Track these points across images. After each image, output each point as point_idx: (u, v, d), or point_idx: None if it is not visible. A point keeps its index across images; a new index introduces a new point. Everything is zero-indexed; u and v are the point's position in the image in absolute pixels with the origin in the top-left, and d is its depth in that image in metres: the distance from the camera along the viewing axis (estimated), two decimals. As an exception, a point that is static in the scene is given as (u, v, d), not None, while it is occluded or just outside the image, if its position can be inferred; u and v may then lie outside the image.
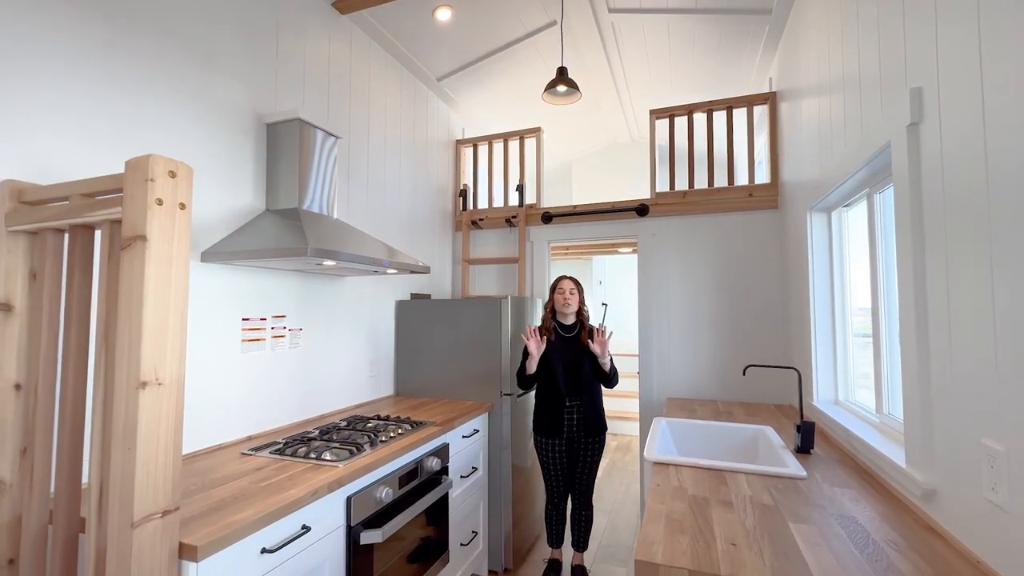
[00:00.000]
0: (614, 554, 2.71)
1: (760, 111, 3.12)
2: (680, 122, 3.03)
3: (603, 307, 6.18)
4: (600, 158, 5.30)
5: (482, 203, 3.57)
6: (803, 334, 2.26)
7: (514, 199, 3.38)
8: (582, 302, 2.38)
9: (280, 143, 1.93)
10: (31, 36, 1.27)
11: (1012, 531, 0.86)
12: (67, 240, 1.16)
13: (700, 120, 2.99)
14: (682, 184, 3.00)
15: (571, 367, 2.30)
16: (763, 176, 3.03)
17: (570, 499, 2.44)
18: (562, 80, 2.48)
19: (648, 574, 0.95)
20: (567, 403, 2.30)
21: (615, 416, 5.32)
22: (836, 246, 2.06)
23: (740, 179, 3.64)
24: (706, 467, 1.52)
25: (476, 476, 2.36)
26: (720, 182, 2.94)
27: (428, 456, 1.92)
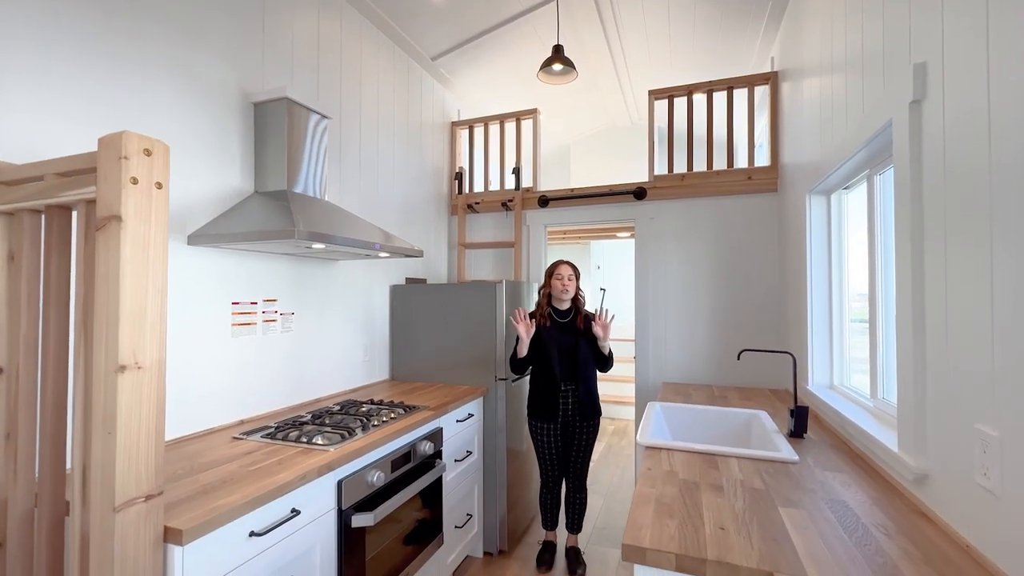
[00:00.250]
0: (608, 536, 2.74)
1: (761, 92, 3.06)
2: (679, 103, 2.97)
3: (601, 292, 6.16)
4: (599, 141, 5.23)
5: (478, 187, 3.52)
6: (799, 319, 2.24)
7: (510, 182, 3.33)
8: (578, 288, 2.36)
9: (268, 123, 1.88)
10: (3, 12, 1.22)
11: (1003, 516, 0.85)
12: (44, 221, 1.13)
13: (700, 102, 2.93)
14: (681, 167, 2.95)
15: (566, 352, 2.29)
16: (763, 159, 2.98)
17: (564, 483, 2.45)
18: (558, 58, 2.42)
19: (635, 558, 0.95)
20: (562, 388, 2.29)
21: (612, 401, 5.34)
22: (835, 229, 2.03)
23: (740, 162, 3.59)
24: (698, 451, 1.51)
25: (471, 460, 2.37)
26: (719, 165, 2.89)
27: (421, 440, 1.91)
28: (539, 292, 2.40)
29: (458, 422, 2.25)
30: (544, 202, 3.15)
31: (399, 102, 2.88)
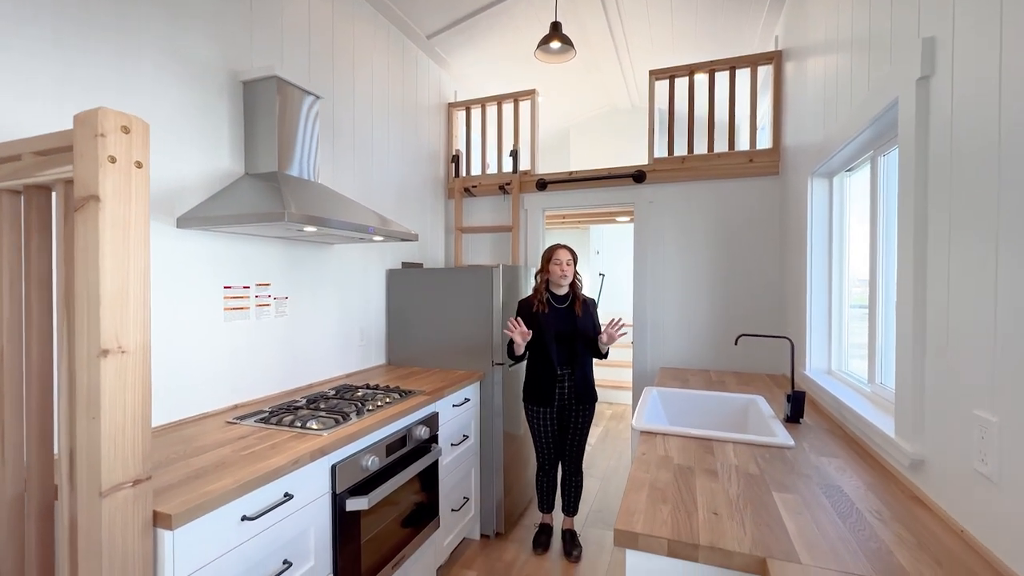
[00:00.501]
0: (604, 518, 2.76)
1: (764, 72, 2.99)
2: (681, 84, 2.90)
3: (600, 277, 6.13)
4: (598, 124, 5.15)
5: (475, 170, 3.47)
6: (799, 303, 2.22)
7: (508, 166, 3.28)
8: (576, 272, 2.33)
9: (257, 102, 1.83)
10: (-26, -20, 1.17)
11: (999, 502, 0.83)
12: (23, 202, 1.10)
13: (702, 83, 2.86)
14: (681, 150, 2.90)
15: (563, 338, 2.27)
16: (765, 141, 2.93)
17: (561, 466, 2.45)
18: (556, 36, 2.35)
19: (627, 543, 0.94)
20: (558, 373, 2.28)
21: (611, 385, 5.36)
22: (836, 213, 2.00)
23: (741, 144, 3.53)
24: (693, 436, 1.51)
25: (467, 444, 2.37)
26: (720, 148, 2.84)
27: (417, 425, 1.91)
28: (536, 277, 2.37)
29: (454, 407, 2.24)
30: (542, 185, 3.10)
31: (394, 82, 2.82)
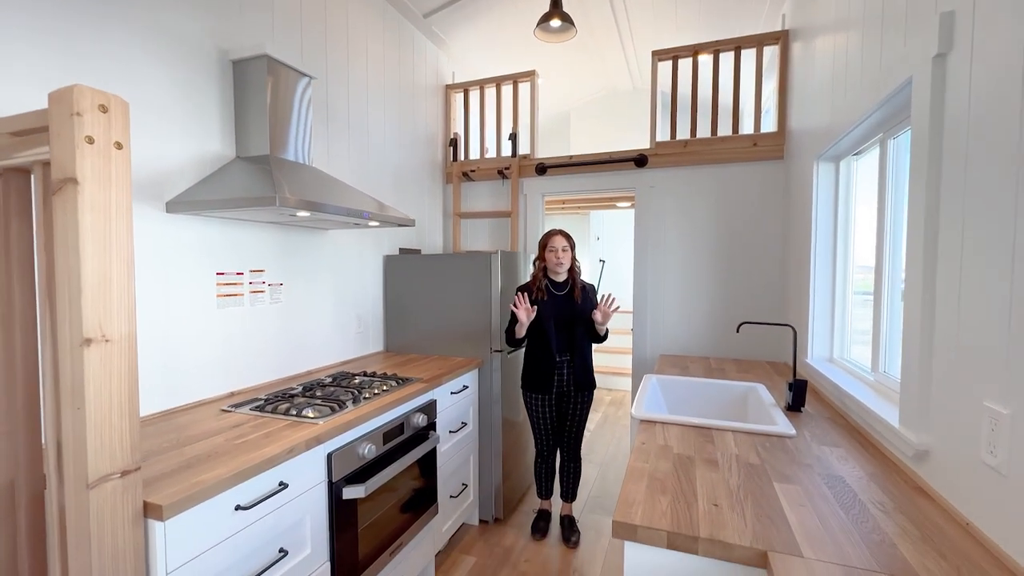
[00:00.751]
0: (602, 504, 2.77)
1: (770, 53, 2.91)
2: (684, 65, 2.83)
3: (600, 263, 6.09)
4: (599, 107, 5.05)
5: (474, 154, 3.41)
6: (801, 290, 2.19)
7: (507, 149, 3.22)
8: (574, 258, 2.29)
9: (248, 83, 1.78)
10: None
11: (1008, 495, 0.81)
12: (1, 184, 1.06)
13: (705, 64, 2.79)
14: (684, 133, 2.84)
15: (562, 325, 2.25)
16: (769, 125, 2.87)
17: (559, 453, 2.45)
18: (556, 13, 2.28)
19: (626, 535, 0.93)
20: (557, 360, 2.26)
21: (610, 372, 5.36)
22: (842, 198, 1.95)
23: (745, 128, 3.46)
24: (693, 425, 1.49)
25: (466, 431, 2.36)
26: (724, 131, 2.78)
27: (414, 412, 1.89)
28: (534, 264, 2.33)
29: (452, 394, 2.23)
30: (542, 170, 3.05)
31: (390, 63, 2.74)
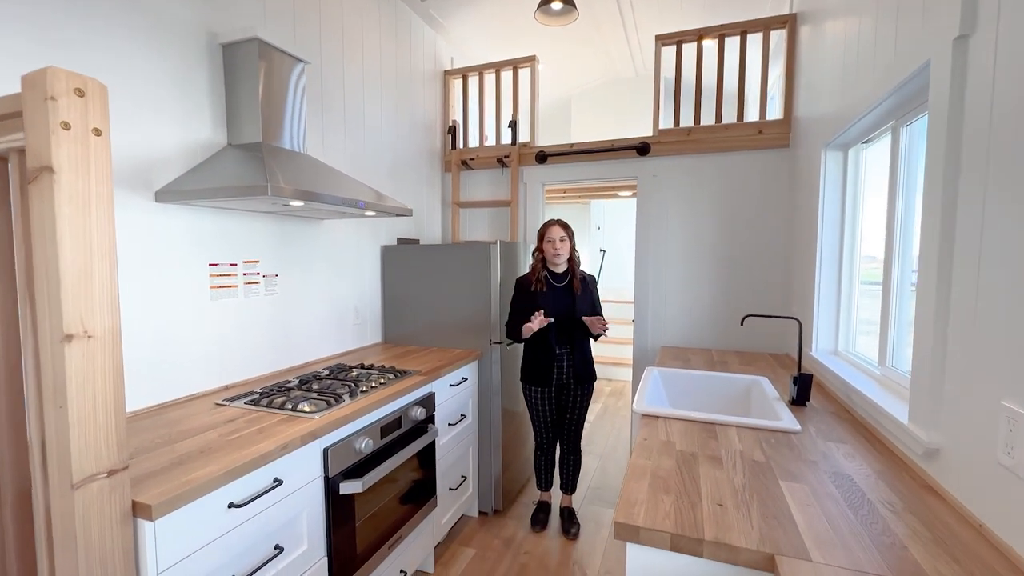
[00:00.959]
0: (602, 496, 2.76)
1: (777, 37, 2.84)
2: (688, 51, 2.75)
3: (601, 253, 6.05)
4: (601, 94, 4.96)
5: (473, 141, 3.34)
6: (806, 281, 2.15)
7: (507, 137, 3.15)
8: (573, 248, 2.24)
9: (238, 67, 1.72)
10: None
11: (1025, 498, 0.78)
12: (-22, 174, 1.01)
13: (710, 50, 2.72)
14: (687, 121, 2.78)
15: (562, 317, 2.21)
16: (775, 112, 2.80)
17: (559, 445, 2.43)
18: (557, -4, 2.21)
19: (628, 536, 0.90)
20: (556, 352, 2.23)
21: (611, 362, 5.34)
22: (850, 187, 1.91)
23: (750, 115, 3.39)
24: (696, 420, 1.46)
25: (465, 423, 2.34)
26: (728, 119, 2.72)
27: (413, 406, 1.87)
28: (533, 255, 2.29)
29: (451, 386, 2.20)
30: (542, 158, 2.99)
31: (386, 48, 2.67)
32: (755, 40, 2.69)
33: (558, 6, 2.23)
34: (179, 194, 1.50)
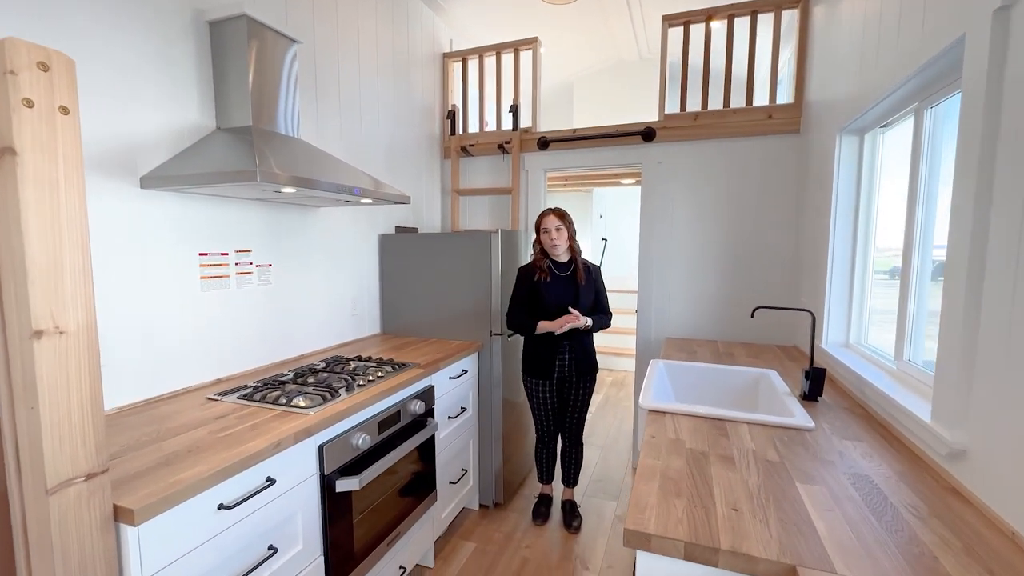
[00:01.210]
0: (604, 488, 2.73)
1: (789, 17, 2.73)
2: (696, 32, 2.65)
3: (602, 242, 5.98)
4: (604, 79, 4.85)
5: (473, 127, 3.25)
6: (817, 272, 2.09)
7: (507, 123, 3.06)
8: (572, 236, 2.16)
9: (226, 46, 1.63)
10: None
11: (1067, 507, 0.73)
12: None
13: (718, 32, 2.62)
14: (694, 105, 2.69)
15: (565, 308, 2.14)
16: (785, 96, 2.71)
17: (560, 437, 2.39)
18: (561, -27, 2.10)
19: (639, 544, 0.85)
20: (558, 344, 2.18)
21: (612, 352, 5.30)
22: (866, 174, 1.83)
23: (759, 100, 3.30)
24: (706, 416, 1.41)
25: (465, 416, 2.30)
26: (737, 103, 2.63)
27: (411, 399, 1.82)
28: (533, 246, 2.23)
29: (451, 379, 2.15)
30: (544, 144, 2.90)
31: (383, 30, 2.57)
32: (766, 20, 2.59)
33: (562, -17, 2.13)
34: (165, 180, 1.43)
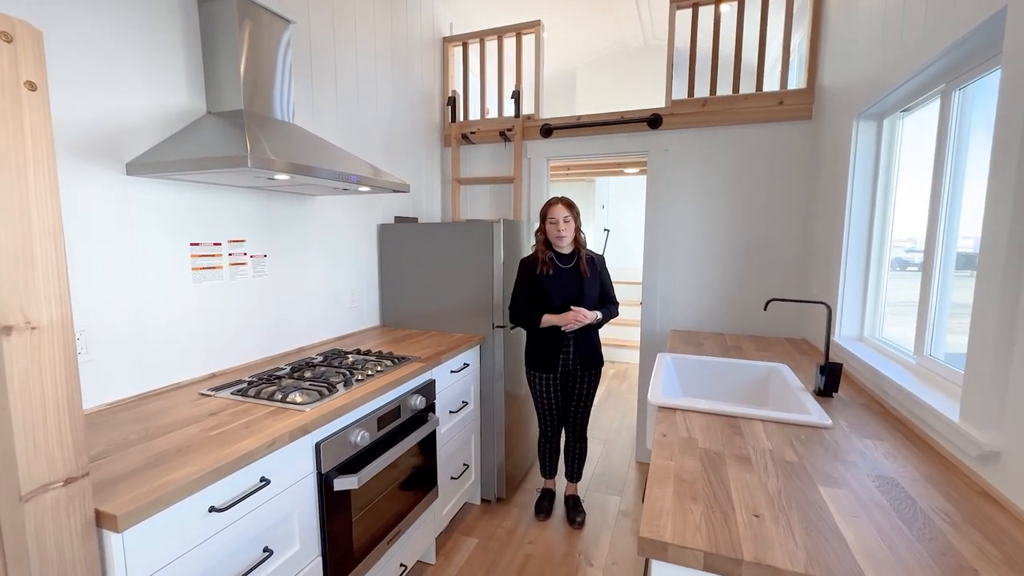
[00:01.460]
0: (607, 483, 2.69)
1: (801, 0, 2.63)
2: (705, 14, 2.56)
3: (605, 233, 5.90)
4: (608, 65, 4.74)
5: (474, 114, 3.17)
6: (830, 263, 2.02)
7: (509, 109, 2.98)
8: (578, 228, 2.10)
9: (217, 27, 1.56)
10: None
11: (1120, 517, 0.68)
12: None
13: (728, 15, 2.52)
14: (702, 92, 2.60)
15: (569, 301, 2.08)
16: (796, 82, 2.63)
17: (564, 432, 2.34)
18: (567, -50, 2.01)
19: (655, 553, 0.80)
20: (563, 337, 2.12)
21: (614, 344, 5.25)
22: (884, 161, 1.76)
23: (770, 85, 3.21)
24: (718, 413, 1.35)
25: (467, 410, 2.25)
26: (747, 89, 2.55)
27: (412, 394, 1.76)
28: (535, 236, 2.16)
29: (452, 373, 2.10)
30: (547, 131, 2.82)
31: (381, 11, 2.48)
32: (777, 2, 2.49)
33: (567, -40, 2.04)
34: (152, 166, 1.36)
